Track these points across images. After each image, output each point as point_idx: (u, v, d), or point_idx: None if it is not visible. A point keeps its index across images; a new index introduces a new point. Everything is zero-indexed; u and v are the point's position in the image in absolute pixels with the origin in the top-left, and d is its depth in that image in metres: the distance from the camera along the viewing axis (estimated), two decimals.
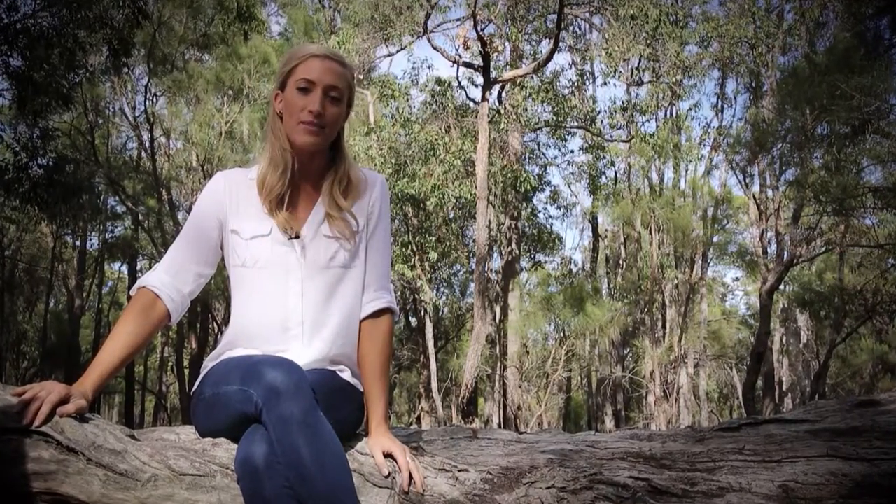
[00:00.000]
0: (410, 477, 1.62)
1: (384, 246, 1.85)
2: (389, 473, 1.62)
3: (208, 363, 1.76)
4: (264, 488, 1.42)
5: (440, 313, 21.62)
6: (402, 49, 16.39)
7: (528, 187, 16.85)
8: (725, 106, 19.55)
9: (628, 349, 21.55)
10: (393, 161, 14.94)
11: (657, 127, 18.65)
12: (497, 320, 18.65)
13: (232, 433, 1.59)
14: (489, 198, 14.53)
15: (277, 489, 1.41)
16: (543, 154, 20.75)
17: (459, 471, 1.72)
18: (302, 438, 1.43)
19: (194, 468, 1.53)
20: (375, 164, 14.57)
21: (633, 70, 16.24)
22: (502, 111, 15.82)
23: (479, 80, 14.77)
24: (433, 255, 16.07)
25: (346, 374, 1.78)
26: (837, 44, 12.47)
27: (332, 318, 1.76)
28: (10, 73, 10.53)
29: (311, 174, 1.79)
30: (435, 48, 13.90)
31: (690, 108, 18.67)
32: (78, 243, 22.74)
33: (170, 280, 1.75)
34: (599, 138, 17.86)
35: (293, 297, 1.73)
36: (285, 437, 1.43)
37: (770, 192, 17.06)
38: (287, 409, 1.45)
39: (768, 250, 17.47)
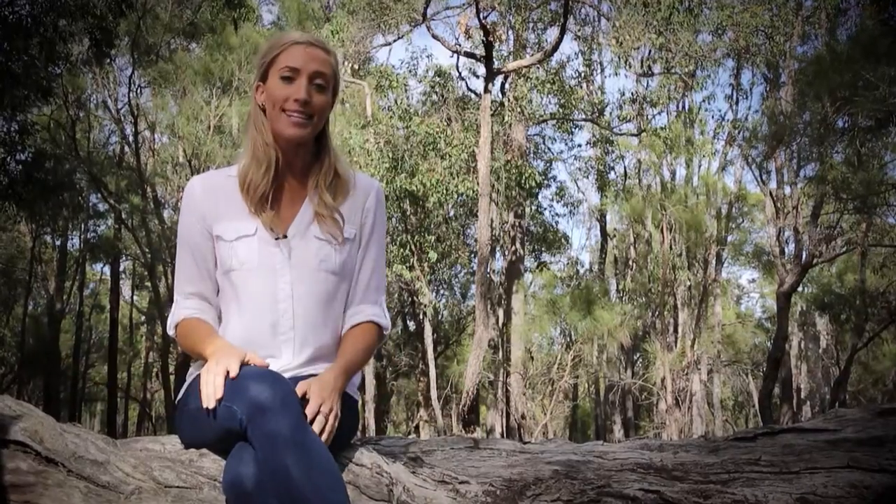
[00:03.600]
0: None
1: (376, 260, 1.84)
2: (387, 485, 1.62)
3: (194, 371, 1.76)
4: None
5: (440, 317, 21.61)
6: (399, 38, 16.42)
7: (533, 183, 16.85)
8: (741, 98, 19.56)
9: (638, 354, 21.56)
10: (390, 155, 14.95)
11: (669, 120, 18.66)
12: (500, 324, 18.65)
13: (218, 447, 1.58)
14: (491, 195, 14.52)
15: None
16: (549, 148, 20.75)
17: (460, 483, 1.72)
18: (290, 457, 1.41)
19: (180, 480, 1.53)
20: (372, 159, 14.57)
21: (643, 60, 16.26)
22: (506, 103, 15.84)
23: (481, 70, 14.79)
24: (433, 256, 16.07)
25: None
26: (862, 31, 12.47)
27: (323, 324, 1.76)
28: None
29: (296, 169, 1.79)
30: (435, 37, 13.91)
31: (704, 101, 18.65)
32: (58, 243, 22.75)
33: (201, 303, 1.79)
34: (608, 132, 17.88)
35: (283, 299, 1.73)
36: (272, 457, 1.42)
37: (788, 189, 17.05)
38: (273, 425, 1.43)
39: (786, 250, 17.46)
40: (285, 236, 1.74)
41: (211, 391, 1.51)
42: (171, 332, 1.79)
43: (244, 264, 1.73)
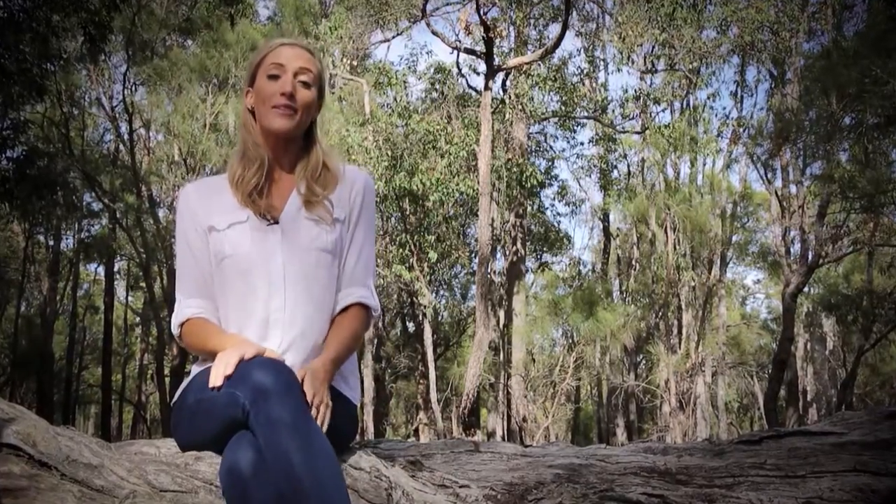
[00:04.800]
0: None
1: (363, 243, 1.88)
2: (386, 489, 1.62)
3: (196, 368, 1.79)
4: (252, 497, 1.42)
5: (440, 318, 21.62)
6: (398, 34, 16.43)
7: (535, 182, 16.86)
8: (745, 95, 19.57)
9: (641, 356, 21.56)
10: (389, 154, 14.95)
11: (672, 117, 18.66)
12: (501, 325, 18.66)
13: (217, 445, 1.59)
14: (492, 193, 14.52)
15: (266, 498, 1.42)
16: (551, 147, 20.78)
17: (460, 487, 1.72)
18: (292, 442, 1.43)
19: (176, 484, 1.53)
20: (371, 157, 14.57)
21: (645, 56, 16.26)
22: (507, 101, 15.83)
23: (482, 67, 14.79)
24: (432, 256, 16.08)
25: (335, 383, 1.79)
26: (871, 27, 12.47)
27: (316, 304, 1.79)
28: None
29: (285, 165, 1.86)
30: (434, 33, 13.91)
31: (708, 98, 18.65)
32: (51, 243, 22.74)
33: (206, 302, 1.82)
34: (611, 129, 17.88)
35: (275, 281, 1.77)
36: (274, 441, 1.44)
37: (794, 188, 17.06)
38: (276, 411, 1.46)
39: (791, 250, 17.47)
40: (276, 222, 1.80)
41: (221, 371, 1.55)
42: (175, 331, 1.83)
43: (237, 248, 1.78)
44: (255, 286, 1.76)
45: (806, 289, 17.45)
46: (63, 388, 23.51)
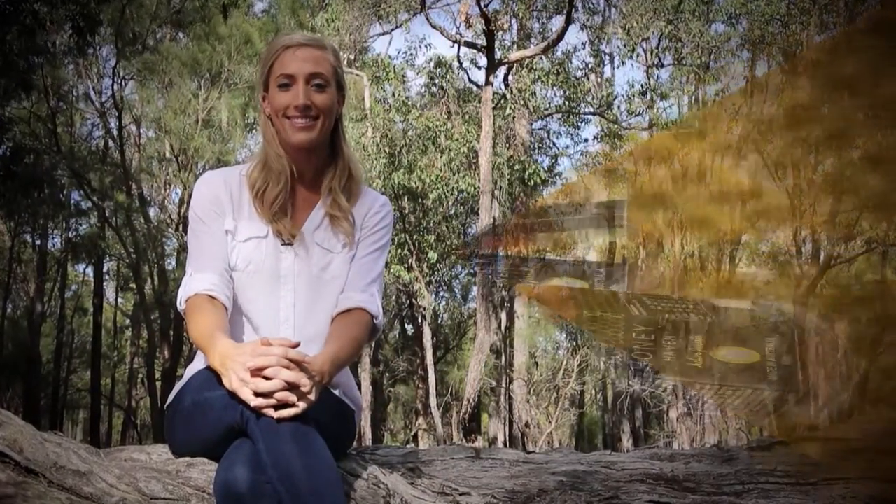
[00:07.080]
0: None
1: (370, 254, 1.86)
2: (384, 496, 1.62)
3: (196, 366, 1.77)
4: None
5: (440, 320, 21.63)
6: (397, 27, 16.45)
7: (537, 180, 16.85)
8: (755, 90, 19.56)
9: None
10: (387, 150, 14.95)
11: (680, 113, 18.66)
12: (502, 328, 18.65)
13: (212, 451, 1.59)
14: (494, 192, 14.52)
15: None
16: (554, 143, 20.77)
17: (461, 494, 1.72)
18: (294, 448, 1.44)
19: (167, 491, 1.53)
20: (369, 154, 14.57)
21: (652, 50, 16.27)
22: (508, 96, 15.83)
23: (483, 61, 14.79)
24: (432, 256, 16.08)
25: (336, 391, 1.80)
26: (883, 21, 12.47)
27: (322, 330, 1.78)
28: None
29: (308, 176, 1.84)
30: (434, 26, 13.92)
31: (717, 93, 18.66)
32: (38, 242, 22.72)
33: (218, 278, 1.75)
34: (616, 126, 17.88)
35: (285, 306, 1.78)
36: (275, 447, 1.44)
37: (805, 186, 17.06)
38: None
39: (802, 250, 17.46)
40: (292, 243, 1.79)
41: (240, 388, 1.49)
42: (181, 306, 1.78)
43: (249, 265, 1.78)
44: (265, 309, 1.78)
45: (817, 289, 17.46)
46: (50, 392, 23.49)
